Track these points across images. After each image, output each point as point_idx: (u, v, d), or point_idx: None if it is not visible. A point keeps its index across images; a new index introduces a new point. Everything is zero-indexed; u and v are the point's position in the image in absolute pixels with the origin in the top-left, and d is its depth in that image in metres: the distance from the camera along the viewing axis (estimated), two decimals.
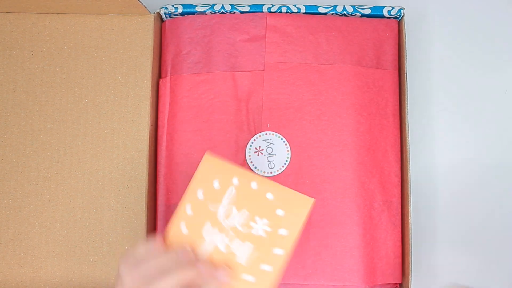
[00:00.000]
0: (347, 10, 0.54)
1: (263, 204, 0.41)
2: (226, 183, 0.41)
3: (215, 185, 0.41)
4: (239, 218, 0.41)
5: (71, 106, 0.52)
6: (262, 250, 0.41)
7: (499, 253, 0.57)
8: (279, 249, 0.41)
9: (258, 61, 0.53)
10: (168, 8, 0.54)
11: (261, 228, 0.41)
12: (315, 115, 0.52)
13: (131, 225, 0.51)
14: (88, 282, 0.51)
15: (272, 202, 0.41)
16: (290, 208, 0.41)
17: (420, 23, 0.60)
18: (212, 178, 0.41)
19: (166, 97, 0.54)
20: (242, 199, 0.41)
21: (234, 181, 0.41)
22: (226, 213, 0.41)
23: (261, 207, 0.41)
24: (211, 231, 0.41)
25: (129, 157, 0.52)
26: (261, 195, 0.41)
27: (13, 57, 0.53)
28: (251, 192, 0.41)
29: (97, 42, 0.53)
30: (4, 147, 0.52)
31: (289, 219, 0.41)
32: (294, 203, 0.40)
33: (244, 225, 0.41)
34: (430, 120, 0.58)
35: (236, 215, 0.41)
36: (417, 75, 0.59)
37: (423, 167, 0.58)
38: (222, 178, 0.41)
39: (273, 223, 0.41)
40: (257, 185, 0.41)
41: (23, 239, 0.51)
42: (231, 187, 0.41)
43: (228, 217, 0.41)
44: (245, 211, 0.41)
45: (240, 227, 0.41)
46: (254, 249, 0.41)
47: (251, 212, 0.41)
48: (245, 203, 0.41)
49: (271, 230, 0.41)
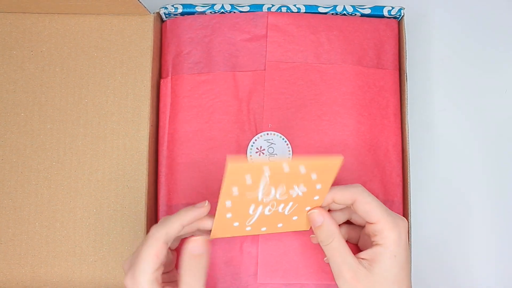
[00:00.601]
0: (347, 10, 0.54)
1: (298, 177, 0.42)
2: (257, 176, 0.41)
3: (248, 181, 0.41)
4: (277, 192, 0.42)
5: (71, 106, 0.52)
6: (303, 202, 0.45)
7: (499, 253, 0.57)
8: (316, 196, 0.45)
9: (259, 61, 0.53)
10: (168, 8, 0.54)
11: (298, 191, 0.43)
12: (316, 115, 0.52)
13: (131, 225, 0.51)
14: (88, 282, 0.51)
15: (306, 172, 0.42)
16: (322, 169, 0.42)
17: (420, 23, 0.60)
18: (242, 178, 0.40)
19: (167, 97, 0.54)
20: (278, 181, 0.42)
21: (266, 173, 0.41)
22: (265, 193, 0.42)
23: (297, 179, 0.42)
24: (256, 209, 0.43)
25: (129, 157, 0.52)
26: (295, 171, 0.41)
27: (13, 57, 0.53)
28: (284, 174, 0.41)
29: (97, 42, 0.53)
30: (4, 147, 0.52)
31: (322, 178, 0.43)
32: (325, 165, 0.42)
33: (282, 195, 0.43)
34: (430, 120, 0.58)
35: (274, 191, 0.42)
36: (417, 75, 0.59)
37: (424, 166, 0.58)
38: (253, 175, 0.40)
39: (308, 184, 0.43)
40: (288, 166, 0.41)
41: (23, 239, 0.51)
42: (264, 178, 0.41)
43: (267, 196, 0.42)
44: (283, 186, 0.42)
45: (280, 198, 0.43)
46: (294, 204, 0.44)
47: (288, 185, 0.42)
48: (281, 182, 0.42)
49: (307, 189, 0.43)
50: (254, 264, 0.51)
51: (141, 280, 0.41)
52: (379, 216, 0.44)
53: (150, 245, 0.41)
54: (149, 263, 0.41)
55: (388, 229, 0.43)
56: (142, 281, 0.41)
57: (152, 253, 0.41)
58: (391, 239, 0.43)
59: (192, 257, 0.42)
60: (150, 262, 0.41)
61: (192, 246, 0.42)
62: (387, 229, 0.44)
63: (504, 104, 0.59)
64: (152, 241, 0.42)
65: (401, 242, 0.44)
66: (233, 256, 0.51)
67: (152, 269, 0.41)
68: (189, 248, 0.42)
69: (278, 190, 0.42)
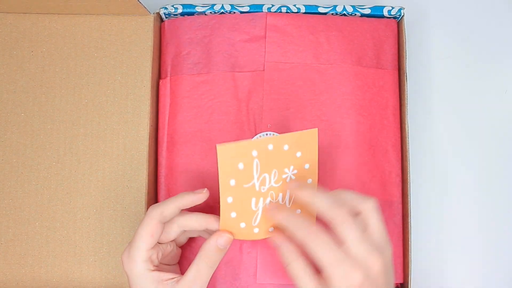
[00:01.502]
0: (347, 10, 0.54)
1: (284, 156, 0.44)
2: (248, 159, 0.43)
3: (240, 167, 0.43)
4: (272, 178, 0.44)
5: (71, 106, 0.52)
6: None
7: (499, 253, 0.57)
8: (310, 179, 0.46)
9: (258, 61, 0.53)
10: (168, 8, 0.54)
11: (290, 175, 0.45)
12: (315, 115, 0.52)
13: (131, 225, 0.51)
14: (88, 282, 0.51)
15: (289, 150, 0.44)
16: (304, 145, 0.45)
17: (420, 23, 0.60)
18: (234, 163, 0.43)
19: (166, 98, 0.54)
20: (268, 164, 0.44)
21: (254, 154, 0.43)
22: (261, 183, 0.44)
23: (284, 160, 0.44)
24: (258, 202, 0.45)
25: (129, 157, 0.52)
26: (280, 150, 0.44)
27: (13, 57, 0.53)
28: (271, 154, 0.43)
29: (97, 42, 0.53)
30: (4, 147, 0.52)
31: (307, 154, 0.45)
32: (304, 140, 0.44)
33: (278, 181, 0.45)
34: (430, 120, 0.58)
35: (268, 178, 0.44)
36: (417, 75, 0.59)
37: (423, 167, 0.58)
38: (242, 158, 0.43)
39: (297, 165, 0.45)
40: (272, 145, 0.43)
41: (23, 239, 0.51)
42: (254, 160, 0.43)
43: (264, 185, 0.44)
44: (275, 171, 0.44)
45: (275, 184, 0.45)
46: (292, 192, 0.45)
47: (279, 168, 0.44)
48: (271, 165, 0.44)
49: (297, 171, 0.45)
50: (253, 264, 0.51)
51: (136, 257, 0.43)
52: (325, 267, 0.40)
53: (145, 224, 0.44)
54: (143, 241, 0.43)
55: (334, 280, 0.40)
56: (137, 258, 0.43)
57: (147, 231, 0.43)
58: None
59: (215, 249, 0.44)
60: (144, 240, 0.43)
61: (220, 241, 0.44)
62: (333, 279, 0.40)
63: (504, 104, 0.59)
64: (148, 220, 0.44)
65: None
66: (233, 257, 0.51)
67: (147, 246, 0.43)
68: (217, 241, 0.44)
69: (272, 177, 0.44)
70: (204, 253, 0.44)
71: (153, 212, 0.44)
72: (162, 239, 0.45)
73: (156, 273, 0.44)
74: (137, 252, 0.43)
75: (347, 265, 0.40)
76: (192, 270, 0.43)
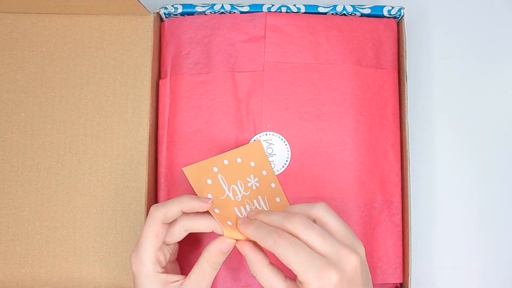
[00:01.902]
0: (347, 9, 0.54)
1: (241, 168, 0.50)
2: (213, 175, 0.48)
3: (209, 182, 0.47)
4: (240, 188, 0.49)
5: (71, 106, 0.52)
6: (266, 192, 0.50)
7: (500, 253, 0.57)
8: (272, 183, 0.51)
9: (258, 62, 0.53)
10: (168, 8, 0.54)
11: (254, 182, 0.50)
12: (315, 115, 0.52)
13: (131, 225, 0.51)
14: (88, 282, 0.51)
15: (243, 162, 0.50)
16: (254, 156, 0.51)
17: (420, 23, 0.60)
18: (203, 180, 0.47)
19: (166, 98, 0.54)
20: (231, 177, 0.49)
21: (215, 170, 0.49)
22: (233, 193, 0.48)
23: (242, 171, 0.50)
24: (240, 211, 0.47)
25: (129, 157, 0.52)
26: (235, 163, 0.50)
27: (13, 57, 0.53)
28: (229, 167, 0.49)
29: (97, 42, 0.53)
30: (4, 147, 0.52)
31: (260, 163, 0.51)
32: (253, 151, 0.51)
33: (246, 190, 0.49)
34: (430, 120, 0.58)
35: (237, 188, 0.48)
36: (417, 75, 0.59)
37: (423, 166, 0.58)
38: (208, 175, 0.48)
39: (255, 173, 0.50)
40: (227, 161, 0.49)
41: (23, 239, 0.51)
42: (218, 175, 0.48)
43: (236, 195, 0.48)
44: (239, 181, 0.49)
45: (245, 193, 0.49)
46: (262, 196, 0.49)
47: (242, 178, 0.49)
48: (234, 176, 0.49)
49: (258, 178, 0.50)
50: None
51: (144, 258, 0.43)
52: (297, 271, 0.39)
53: (149, 225, 0.44)
54: (149, 242, 0.43)
55: (309, 284, 0.39)
56: (145, 260, 0.43)
57: (152, 232, 0.44)
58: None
59: (218, 252, 0.44)
60: (150, 241, 0.43)
61: (223, 244, 0.44)
62: (307, 283, 0.39)
63: (504, 104, 0.59)
64: (151, 221, 0.44)
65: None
66: (233, 257, 0.51)
67: (154, 247, 0.43)
68: (220, 245, 0.44)
69: (239, 187, 0.49)
70: (207, 255, 0.44)
71: (156, 213, 0.44)
72: (168, 241, 0.45)
73: (164, 275, 0.44)
74: (144, 253, 0.43)
75: (320, 265, 0.39)
76: (196, 272, 0.44)
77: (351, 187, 0.51)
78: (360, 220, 0.51)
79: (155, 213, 0.44)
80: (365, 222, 0.51)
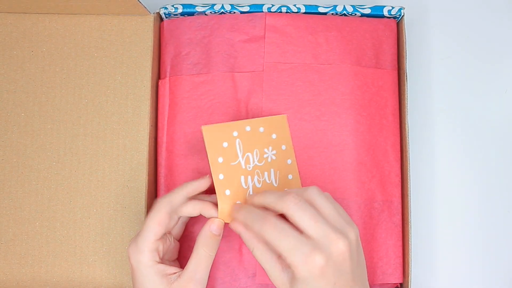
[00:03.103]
0: (347, 10, 0.54)
1: (262, 138, 0.49)
2: (231, 139, 0.48)
3: (224, 145, 0.48)
4: (255, 158, 0.49)
5: (71, 106, 0.52)
6: (280, 167, 0.50)
7: (499, 253, 0.57)
8: (289, 160, 0.50)
9: (258, 62, 0.53)
10: (168, 8, 0.54)
11: (271, 154, 0.49)
12: (314, 116, 0.52)
13: (131, 225, 0.51)
14: (88, 282, 0.51)
15: (265, 132, 0.49)
16: (277, 128, 0.50)
17: (420, 23, 0.60)
18: (219, 142, 0.47)
19: (165, 98, 0.54)
20: (249, 144, 0.48)
21: (235, 134, 0.48)
22: (246, 161, 0.48)
23: (262, 140, 0.49)
24: (247, 180, 0.48)
25: (129, 157, 0.52)
26: (257, 132, 0.49)
27: (13, 57, 0.53)
28: (249, 134, 0.49)
29: (97, 42, 0.53)
30: (4, 147, 0.52)
31: (281, 136, 0.50)
32: (277, 124, 0.50)
33: (261, 160, 0.49)
34: (430, 120, 0.58)
35: (252, 157, 0.48)
36: (417, 75, 0.59)
37: (423, 166, 0.58)
38: (226, 138, 0.48)
39: (274, 146, 0.50)
40: (250, 127, 0.49)
41: (23, 239, 0.51)
42: (236, 140, 0.48)
43: (248, 164, 0.48)
44: (256, 150, 0.49)
45: (259, 163, 0.49)
46: (275, 170, 0.49)
47: (259, 148, 0.49)
48: (252, 144, 0.49)
49: (276, 151, 0.50)
50: (253, 265, 0.51)
51: (144, 247, 0.44)
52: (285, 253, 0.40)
53: (153, 215, 0.45)
54: (151, 231, 0.44)
55: (295, 267, 0.39)
56: (145, 248, 0.44)
57: (155, 221, 0.44)
58: (300, 275, 0.39)
59: (210, 235, 0.45)
60: (152, 230, 0.44)
61: (213, 226, 0.45)
62: (294, 266, 0.40)
63: (504, 104, 0.59)
64: (155, 211, 0.45)
65: (314, 275, 0.39)
66: (232, 257, 0.51)
67: (155, 237, 0.44)
68: (210, 228, 0.45)
69: (254, 156, 0.48)
70: (200, 241, 0.45)
71: (161, 204, 0.45)
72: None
73: (162, 265, 0.44)
74: (145, 243, 0.44)
75: (306, 248, 0.39)
76: (192, 260, 0.44)
77: (351, 187, 0.51)
78: (360, 220, 0.51)
79: (160, 204, 0.45)
80: (365, 222, 0.51)
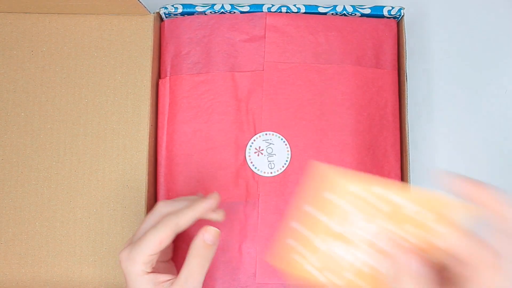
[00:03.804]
0: (347, 10, 0.54)
1: (403, 213, 0.32)
2: (342, 192, 0.32)
3: (325, 195, 0.33)
4: (369, 228, 0.32)
5: (71, 106, 0.52)
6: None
7: None
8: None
9: (258, 61, 0.53)
10: (168, 8, 0.54)
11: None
12: (315, 115, 0.52)
13: (131, 225, 0.51)
14: (88, 282, 0.51)
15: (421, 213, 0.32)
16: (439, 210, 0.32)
17: (420, 23, 0.60)
18: (322, 188, 0.33)
19: (165, 97, 0.54)
20: (370, 209, 0.32)
21: (352, 189, 0.32)
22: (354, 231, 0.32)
23: (401, 217, 0.32)
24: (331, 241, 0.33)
25: (129, 157, 0.52)
26: (393, 202, 0.31)
27: (13, 57, 0.53)
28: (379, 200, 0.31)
29: (97, 42, 0.53)
30: (4, 147, 0.52)
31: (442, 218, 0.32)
32: (441, 203, 0.32)
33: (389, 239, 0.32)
34: (430, 120, 0.58)
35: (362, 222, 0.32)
36: (417, 75, 0.59)
37: (423, 167, 0.58)
38: (335, 188, 0.32)
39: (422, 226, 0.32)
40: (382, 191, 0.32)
41: (23, 239, 0.51)
42: (349, 197, 0.32)
43: (348, 225, 0.32)
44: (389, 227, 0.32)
45: (372, 238, 0.32)
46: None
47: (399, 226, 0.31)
48: (378, 214, 0.32)
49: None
50: (253, 264, 0.51)
51: (137, 259, 0.42)
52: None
53: (158, 230, 0.42)
54: (150, 246, 0.42)
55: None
56: (138, 260, 0.42)
57: (157, 238, 0.42)
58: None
59: (204, 245, 0.42)
60: (152, 246, 0.42)
61: (207, 236, 0.43)
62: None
63: (504, 104, 0.59)
64: (162, 227, 0.42)
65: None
66: (232, 257, 0.51)
67: (151, 252, 0.42)
68: (204, 237, 0.42)
69: (367, 223, 0.31)
70: (193, 252, 0.42)
71: (167, 223, 0.42)
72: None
73: (153, 275, 0.42)
74: (139, 255, 0.42)
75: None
76: (184, 271, 0.42)
77: None
78: None
79: (168, 221, 0.42)
80: None
